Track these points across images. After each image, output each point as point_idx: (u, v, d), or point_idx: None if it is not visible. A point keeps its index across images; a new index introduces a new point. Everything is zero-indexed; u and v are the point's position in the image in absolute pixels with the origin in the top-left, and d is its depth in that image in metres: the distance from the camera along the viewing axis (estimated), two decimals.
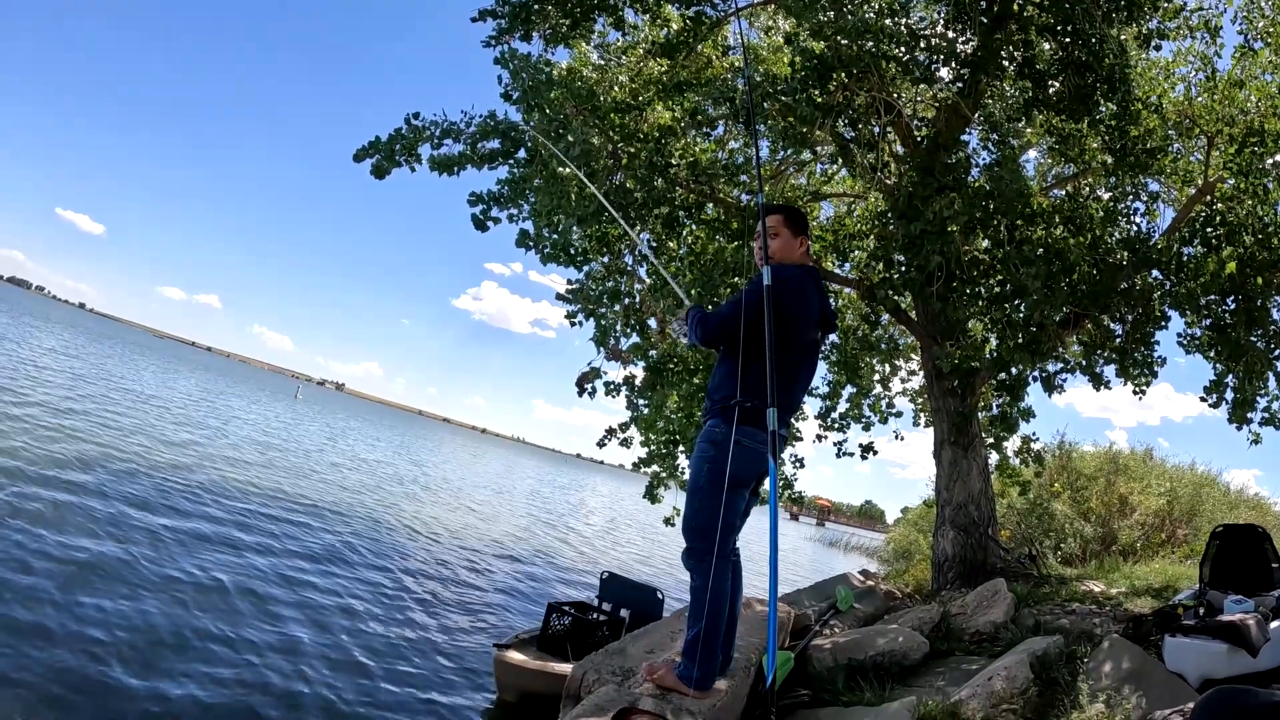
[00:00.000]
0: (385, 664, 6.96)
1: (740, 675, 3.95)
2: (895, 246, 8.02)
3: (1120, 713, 3.54)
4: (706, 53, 8.59)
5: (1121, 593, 7.20)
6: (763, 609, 5.71)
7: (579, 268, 9.30)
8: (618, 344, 9.32)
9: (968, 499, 8.37)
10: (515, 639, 7.17)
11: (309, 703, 5.71)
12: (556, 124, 7.91)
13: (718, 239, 9.18)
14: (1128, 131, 7.54)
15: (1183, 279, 7.78)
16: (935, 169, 7.45)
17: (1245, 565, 5.30)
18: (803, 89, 6.97)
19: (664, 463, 10.39)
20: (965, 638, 5.82)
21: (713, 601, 3.36)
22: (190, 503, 10.65)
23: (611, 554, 18.81)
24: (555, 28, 8.18)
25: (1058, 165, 10.09)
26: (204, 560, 8.27)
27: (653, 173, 8.06)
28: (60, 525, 7.84)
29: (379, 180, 8.53)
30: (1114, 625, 5.61)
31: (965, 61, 7.37)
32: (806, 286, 3.59)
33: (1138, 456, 15.25)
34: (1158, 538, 12.34)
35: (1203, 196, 8.08)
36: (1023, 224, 7.54)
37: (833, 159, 10.29)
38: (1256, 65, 7.70)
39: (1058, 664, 4.27)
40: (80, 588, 6.43)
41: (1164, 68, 8.38)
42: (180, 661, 5.77)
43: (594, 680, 3.87)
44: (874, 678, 4.70)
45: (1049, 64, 7.38)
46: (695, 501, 3.46)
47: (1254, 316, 7.56)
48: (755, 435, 3.33)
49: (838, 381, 11.18)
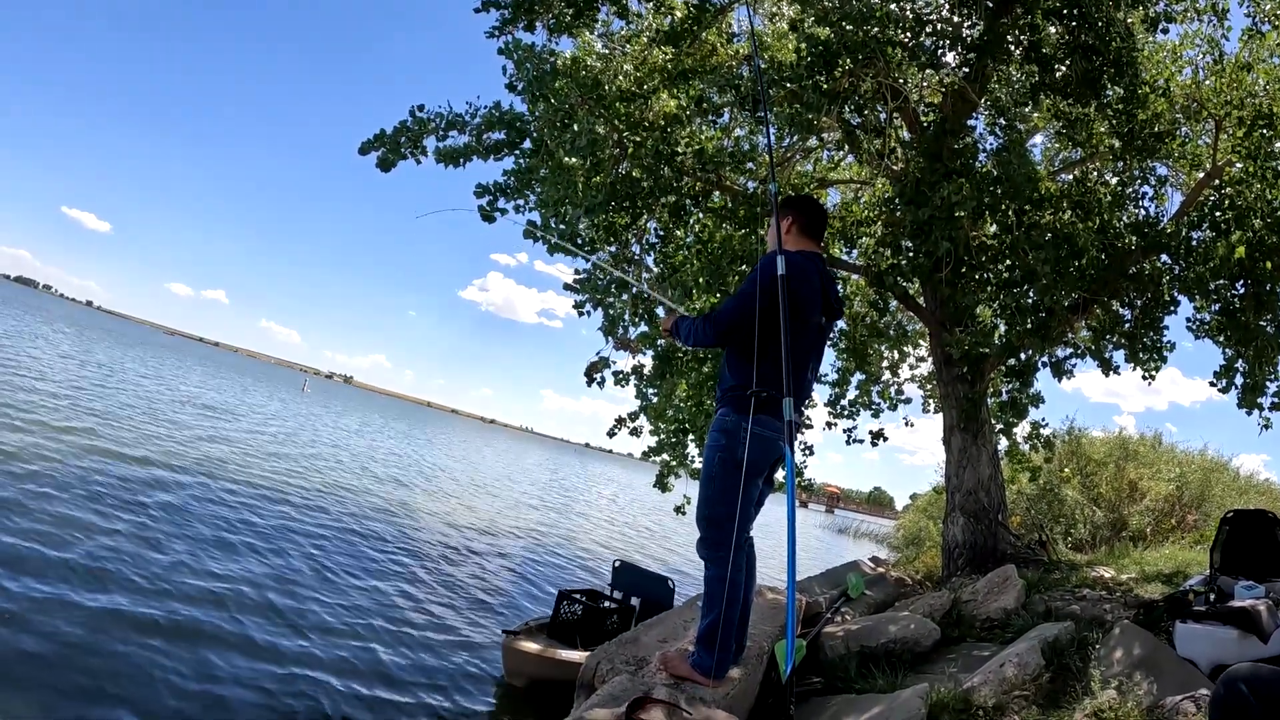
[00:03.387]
0: (395, 649, 7.02)
1: (753, 663, 3.97)
2: (903, 233, 7.99)
3: (1132, 699, 3.54)
4: (711, 40, 8.54)
5: (1132, 578, 7.19)
6: (774, 597, 5.73)
7: (586, 257, 9.30)
8: (626, 333, 9.32)
9: (977, 485, 8.36)
10: (525, 626, 7.21)
11: (316, 686, 5.77)
12: (562, 114, 7.90)
13: (725, 227, 9.16)
14: (1135, 115, 7.49)
15: (1192, 263, 7.73)
16: (942, 154, 7.42)
17: (1256, 551, 5.29)
18: (809, 75, 6.94)
19: (674, 451, 10.39)
20: (976, 624, 5.83)
21: (727, 590, 3.38)
22: (203, 493, 10.70)
23: (621, 542, 18.86)
24: (559, 17, 8.15)
25: (1065, 150, 10.03)
26: (218, 546, 8.35)
27: (659, 161, 8.04)
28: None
29: (384, 173, 8.54)
30: (1125, 611, 5.60)
31: (971, 46, 7.33)
32: (808, 270, 3.58)
33: (1147, 442, 15.19)
34: (1168, 523, 12.31)
35: (1211, 180, 8.03)
36: (1031, 209, 7.50)
37: (839, 145, 10.24)
38: (1264, 48, 7.63)
39: (1069, 650, 4.27)
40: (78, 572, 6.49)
41: (1171, 51, 8.31)
42: (185, 645, 5.85)
43: (608, 670, 3.89)
44: (886, 665, 4.71)
45: (1055, 48, 7.33)
46: (708, 491, 3.47)
47: (1263, 301, 7.51)
48: (767, 423, 3.33)
49: (846, 368, 11.16)
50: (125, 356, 37.07)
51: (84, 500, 8.63)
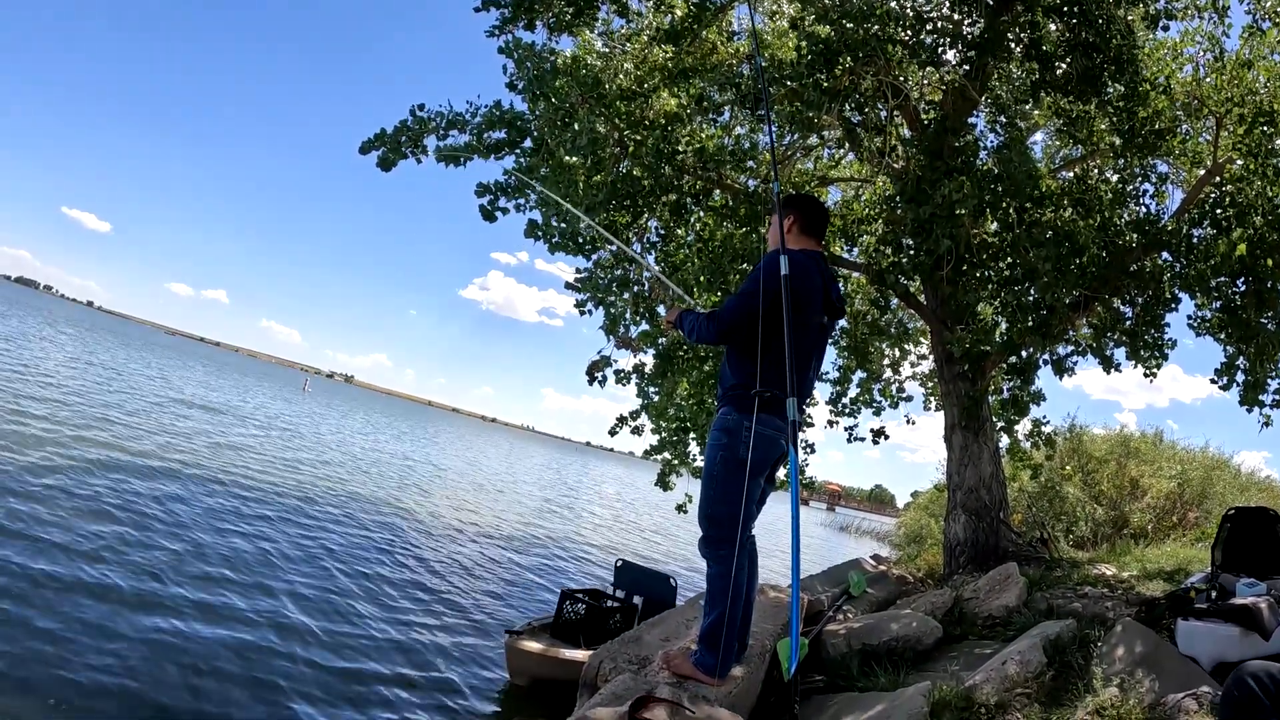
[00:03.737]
0: (398, 648, 7.03)
1: (756, 662, 3.97)
2: (904, 231, 8.00)
3: (1133, 696, 3.55)
4: (711, 39, 8.54)
5: (1133, 576, 7.20)
6: (776, 595, 5.74)
7: (587, 256, 9.31)
8: (627, 332, 9.32)
9: (979, 483, 8.37)
10: (528, 625, 7.21)
11: (319, 685, 5.77)
12: (562, 113, 7.90)
13: (726, 225, 9.16)
14: (1136, 113, 7.49)
15: (1193, 261, 7.74)
16: (943, 152, 7.42)
17: (1257, 548, 5.28)
18: (809, 74, 6.95)
19: (675, 450, 10.41)
20: (978, 622, 5.83)
21: (729, 589, 3.38)
22: (202, 494, 10.72)
23: (623, 541, 18.86)
24: (559, 16, 8.16)
25: (1066, 147, 10.03)
26: (222, 540, 8.36)
27: (659, 160, 8.04)
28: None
29: (385, 172, 8.57)
30: (1126, 609, 5.61)
31: (971, 44, 7.33)
32: (809, 269, 3.58)
33: (1148, 439, 15.21)
34: (1169, 521, 12.31)
35: (1212, 178, 8.02)
36: (1032, 207, 7.50)
37: (839, 144, 10.25)
38: (1265, 45, 7.62)
39: (1071, 648, 4.27)
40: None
41: (1172, 48, 8.30)
42: (190, 635, 5.89)
43: (610, 669, 3.89)
44: (888, 663, 4.72)
45: (1056, 45, 7.33)
46: (710, 489, 3.47)
47: (1264, 298, 7.51)
48: (769, 422, 3.34)
49: (848, 366, 11.18)
50: (130, 359, 37.09)
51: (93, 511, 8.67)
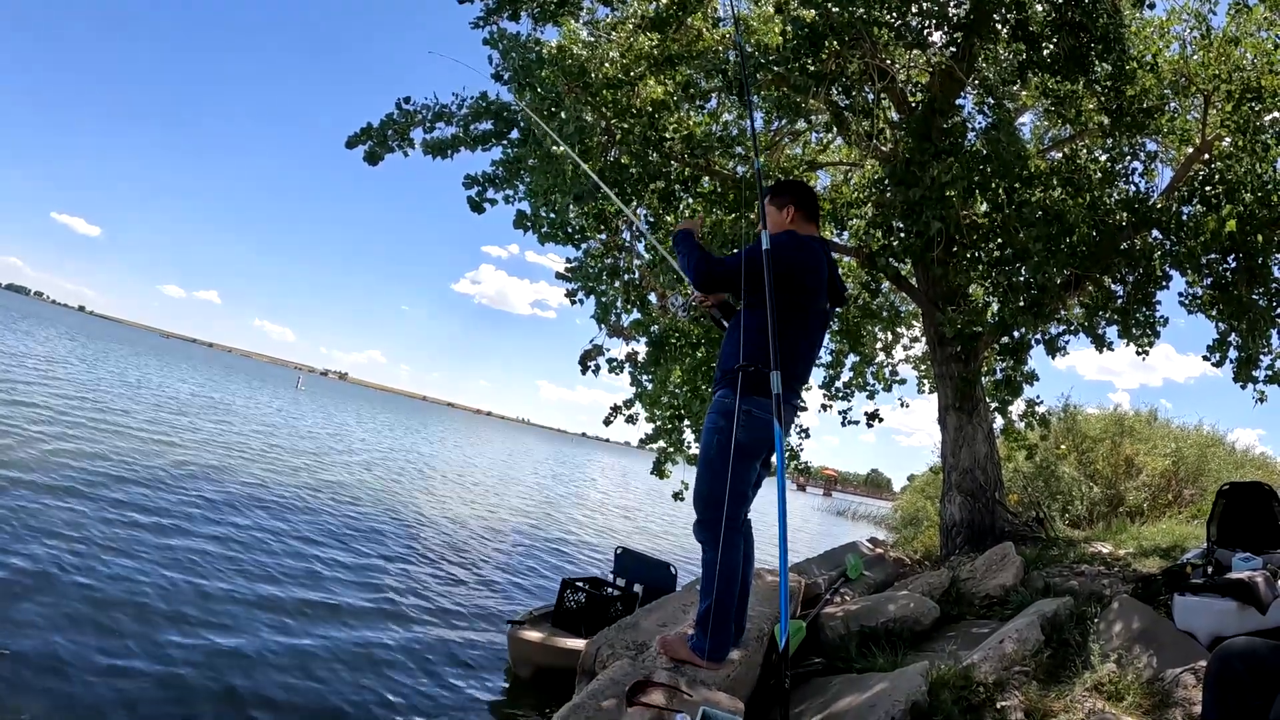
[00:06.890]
0: (400, 640, 7.04)
1: (753, 645, 3.97)
2: (894, 213, 7.98)
3: (1131, 672, 3.56)
4: (696, 25, 8.50)
5: (1130, 553, 7.22)
6: (773, 579, 5.74)
7: (577, 246, 9.29)
8: (619, 320, 9.31)
9: (974, 464, 8.38)
10: (530, 615, 7.23)
11: (322, 675, 5.79)
12: (549, 102, 7.87)
13: (715, 211, 9.14)
14: (1123, 91, 7.48)
15: (1183, 238, 7.73)
16: (931, 134, 7.40)
17: (1252, 523, 5.29)
18: (795, 58, 6.92)
19: (670, 438, 10.41)
20: (975, 602, 5.84)
21: (725, 573, 3.37)
22: (204, 493, 10.69)
23: (622, 528, 18.89)
24: (543, 5, 8.11)
25: (1054, 127, 10.03)
26: (218, 535, 8.36)
27: (647, 147, 8.03)
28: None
29: (372, 166, 8.53)
30: (1123, 586, 5.62)
31: (958, 25, 7.32)
32: (817, 254, 3.56)
33: (1143, 418, 15.25)
34: (1164, 498, 12.36)
35: (1201, 155, 8.02)
36: (1021, 187, 7.49)
37: (827, 128, 10.21)
38: (1251, 22, 7.60)
39: (1068, 625, 4.29)
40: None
41: (1158, 26, 8.28)
42: (191, 630, 5.94)
43: (608, 655, 3.89)
44: (886, 644, 4.72)
45: (1042, 25, 7.31)
46: (706, 473, 3.45)
47: (1255, 274, 7.52)
48: (764, 404, 3.31)
49: (840, 350, 11.19)
50: (130, 365, 36.94)
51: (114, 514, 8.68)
